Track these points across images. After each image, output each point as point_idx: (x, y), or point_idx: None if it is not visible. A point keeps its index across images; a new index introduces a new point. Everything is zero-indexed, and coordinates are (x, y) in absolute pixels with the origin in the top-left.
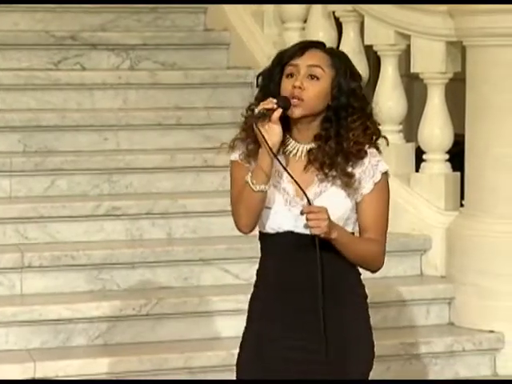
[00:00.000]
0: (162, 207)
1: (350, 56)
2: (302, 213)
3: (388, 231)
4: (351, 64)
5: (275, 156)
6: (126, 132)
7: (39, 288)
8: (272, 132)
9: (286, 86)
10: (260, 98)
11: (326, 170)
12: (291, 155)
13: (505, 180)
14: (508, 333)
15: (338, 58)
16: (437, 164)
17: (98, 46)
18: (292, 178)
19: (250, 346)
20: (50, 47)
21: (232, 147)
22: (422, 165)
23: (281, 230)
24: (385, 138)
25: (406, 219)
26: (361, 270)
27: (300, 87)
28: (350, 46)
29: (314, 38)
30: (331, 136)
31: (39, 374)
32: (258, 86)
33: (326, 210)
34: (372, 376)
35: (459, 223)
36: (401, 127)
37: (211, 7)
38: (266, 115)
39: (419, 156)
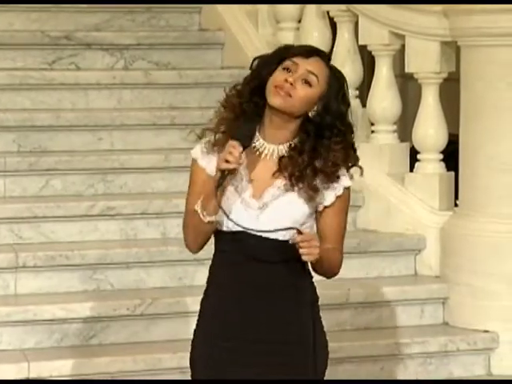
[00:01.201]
0: (157, 207)
1: (345, 56)
2: (292, 241)
3: (382, 231)
4: (346, 87)
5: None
6: (120, 132)
7: (33, 288)
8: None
9: (279, 77)
10: (247, 79)
11: (295, 182)
12: (257, 153)
13: (499, 180)
14: (502, 332)
15: (336, 78)
16: (431, 164)
17: (92, 45)
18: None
19: (202, 345)
20: (44, 47)
21: (199, 137)
22: (417, 165)
23: (235, 229)
24: (360, 167)
25: (400, 219)
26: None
27: (292, 84)
28: (344, 46)
29: (309, 38)
30: (305, 150)
31: (33, 374)
32: (251, 68)
33: (316, 238)
34: (366, 376)
35: (453, 223)
36: (395, 127)
37: (206, 7)
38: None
39: (413, 156)
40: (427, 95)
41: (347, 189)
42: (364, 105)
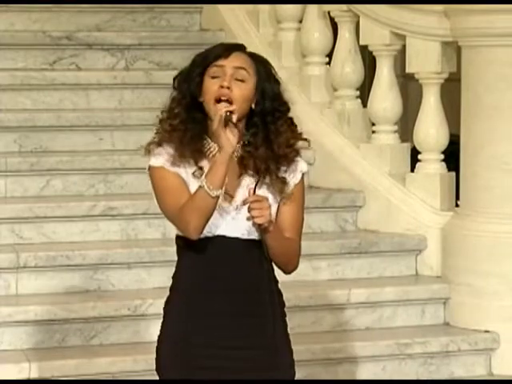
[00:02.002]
0: (158, 207)
1: (346, 56)
2: (245, 202)
3: (383, 231)
4: (273, 68)
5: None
6: (121, 132)
7: (34, 288)
8: (235, 134)
9: (212, 87)
10: (178, 100)
11: (263, 175)
12: (210, 155)
13: (500, 180)
14: (503, 333)
15: (260, 63)
16: (432, 164)
17: (93, 46)
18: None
19: (171, 350)
20: (45, 47)
21: (149, 151)
22: (418, 165)
23: (210, 235)
24: (306, 139)
25: (401, 219)
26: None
27: (228, 87)
28: (345, 46)
29: (310, 38)
30: (260, 142)
31: (34, 375)
32: (174, 87)
33: (267, 199)
34: (367, 376)
35: (454, 223)
36: (396, 127)
37: (206, 7)
38: (230, 119)
39: (414, 156)
40: (428, 95)
41: (303, 174)
42: (365, 105)
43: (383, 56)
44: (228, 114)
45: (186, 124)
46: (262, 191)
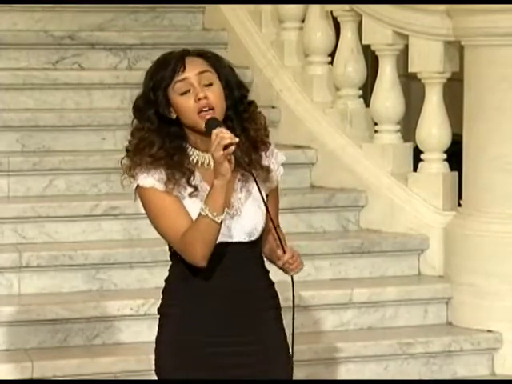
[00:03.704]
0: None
1: (348, 56)
2: (283, 263)
3: (386, 231)
4: (222, 57)
5: (255, 179)
6: (123, 132)
7: (37, 288)
8: (232, 162)
9: (187, 103)
10: (147, 128)
11: (248, 168)
12: (199, 165)
13: (502, 179)
14: (506, 332)
15: (210, 57)
16: (434, 164)
17: (95, 45)
18: (265, 204)
19: (170, 352)
20: (48, 47)
21: (133, 176)
22: (420, 164)
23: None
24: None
25: (403, 219)
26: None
27: (206, 97)
28: (347, 46)
29: (312, 38)
30: (239, 133)
31: (37, 374)
32: (139, 117)
33: (296, 251)
34: (369, 376)
35: (457, 223)
36: (398, 127)
37: (209, 7)
38: (233, 152)
39: (417, 156)
40: (431, 95)
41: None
42: (367, 105)
43: (386, 55)
44: (235, 147)
45: (166, 147)
46: (255, 191)
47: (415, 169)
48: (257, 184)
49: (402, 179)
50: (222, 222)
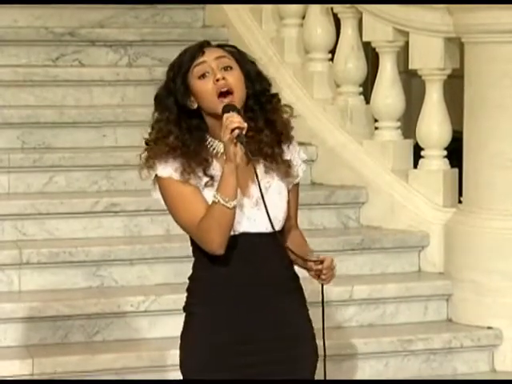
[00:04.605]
0: (160, 204)
1: (349, 53)
2: (316, 273)
3: (386, 227)
4: (244, 52)
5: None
6: (124, 128)
7: (37, 284)
8: (242, 149)
9: (206, 86)
10: (165, 118)
11: (269, 160)
12: (219, 156)
13: (502, 176)
14: (506, 329)
15: (231, 49)
16: (435, 160)
17: (96, 42)
18: (264, 203)
19: (202, 352)
20: (48, 43)
21: (151, 166)
22: (420, 161)
23: (234, 233)
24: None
25: (404, 216)
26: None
27: (223, 78)
28: (348, 43)
29: (312, 35)
30: (261, 125)
31: (37, 371)
32: (159, 107)
33: (333, 259)
34: (370, 372)
35: (457, 219)
36: (399, 124)
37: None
38: (242, 141)
39: (417, 152)
40: (431, 92)
41: (304, 162)
42: (368, 101)
43: (386, 52)
44: (240, 132)
45: (183, 137)
46: (276, 182)
47: (415, 165)
48: (256, 175)
49: (402, 176)
50: (235, 207)
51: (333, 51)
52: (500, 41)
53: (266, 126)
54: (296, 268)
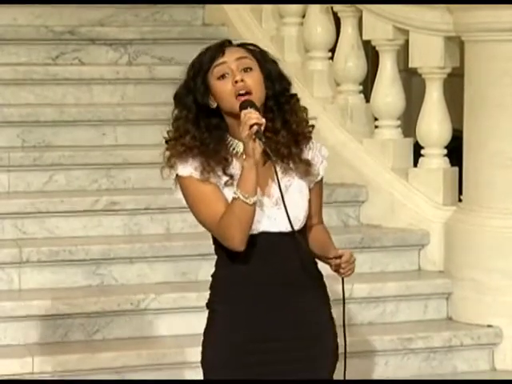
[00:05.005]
0: (161, 202)
1: (349, 51)
2: (335, 268)
3: (386, 226)
4: (264, 50)
5: (274, 163)
6: (124, 127)
7: (37, 283)
8: (261, 145)
9: (224, 87)
10: (184, 116)
11: (286, 161)
12: (239, 155)
13: (502, 175)
14: (506, 327)
15: (252, 48)
16: (435, 159)
17: (96, 40)
18: (283, 200)
19: (222, 349)
20: (48, 42)
21: (172, 166)
22: (420, 160)
23: (254, 232)
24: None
25: (403, 214)
26: None
27: (242, 80)
28: (348, 41)
29: (312, 33)
30: (279, 126)
31: (37, 369)
32: (178, 105)
33: (352, 253)
34: (370, 371)
35: (457, 218)
36: (399, 122)
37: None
38: (260, 137)
39: (417, 151)
40: (431, 90)
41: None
42: (368, 100)
43: (386, 51)
44: (258, 128)
45: (201, 136)
46: (297, 182)
47: (415, 164)
48: (276, 173)
49: (402, 174)
50: (255, 203)
51: (333, 50)
52: (500, 39)
53: (283, 127)
54: (320, 264)
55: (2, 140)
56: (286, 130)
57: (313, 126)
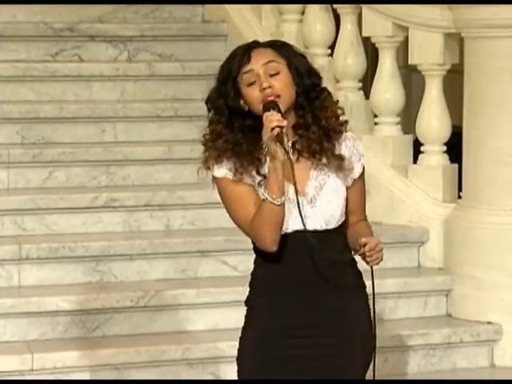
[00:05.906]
0: (160, 199)
1: (348, 48)
2: (360, 254)
3: (386, 223)
4: (292, 45)
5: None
6: (123, 124)
7: (37, 280)
8: (283, 148)
9: (253, 94)
10: (217, 119)
11: (318, 157)
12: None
13: (502, 172)
14: (505, 324)
15: (280, 46)
16: (434, 156)
17: (95, 37)
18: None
19: (252, 344)
20: (47, 39)
21: (209, 167)
22: (420, 156)
23: (289, 231)
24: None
25: (403, 211)
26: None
27: (270, 87)
28: (347, 38)
29: (312, 30)
30: (310, 122)
31: (37, 366)
32: (211, 109)
33: (378, 238)
34: (369, 368)
35: (457, 215)
36: (398, 119)
37: None
38: (281, 140)
39: (417, 148)
40: (431, 87)
41: (363, 156)
42: (367, 97)
43: (386, 48)
44: (280, 130)
45: (235, 137)
46: (332, 180)
47: (415, 161)
48: (293, 173)
49: (401, 171)
50: (283, 204)
51: (332, 47)
52: (500, 35)
53: (314, 123)
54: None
55: (2, 137)
56: (316, 126)
57: (346, 121)
